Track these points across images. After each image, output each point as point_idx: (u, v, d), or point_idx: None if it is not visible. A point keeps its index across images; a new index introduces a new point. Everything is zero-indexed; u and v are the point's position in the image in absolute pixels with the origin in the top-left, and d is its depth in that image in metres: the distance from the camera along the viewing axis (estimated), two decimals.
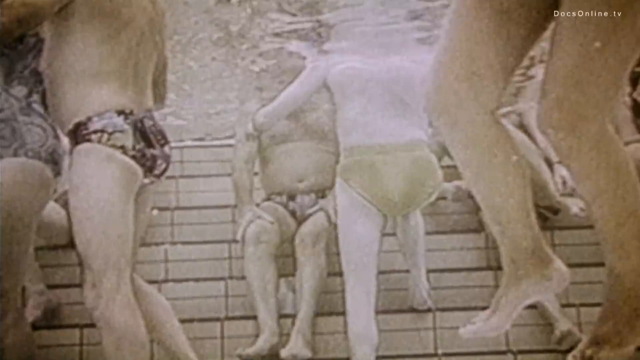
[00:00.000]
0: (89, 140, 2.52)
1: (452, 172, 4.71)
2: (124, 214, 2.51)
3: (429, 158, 3.55)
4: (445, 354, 3.91)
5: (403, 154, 3.49)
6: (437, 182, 3.57)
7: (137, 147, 2.56)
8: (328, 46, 4.09)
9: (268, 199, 4.42)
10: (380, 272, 3.67)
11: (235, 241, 4.53)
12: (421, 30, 3.94)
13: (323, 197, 4.26)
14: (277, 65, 4.55)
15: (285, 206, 4.35)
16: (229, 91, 5.14)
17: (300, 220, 4.29)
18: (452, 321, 4.05)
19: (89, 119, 2.53)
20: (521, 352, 3.90)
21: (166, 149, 2.68)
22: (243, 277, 4.17)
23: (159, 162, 2.64)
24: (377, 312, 3.56)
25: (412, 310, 4.07)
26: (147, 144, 2.59)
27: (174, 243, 4.64)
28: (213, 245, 4.59)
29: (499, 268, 4.26)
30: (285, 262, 4.29)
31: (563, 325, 3.87)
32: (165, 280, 4.38)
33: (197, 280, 4.37)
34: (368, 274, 3.46)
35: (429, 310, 4.04)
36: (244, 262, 4.12)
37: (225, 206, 4.79)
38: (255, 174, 4.46)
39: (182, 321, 4.05)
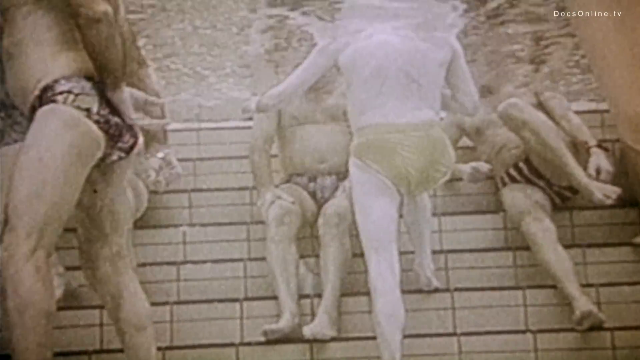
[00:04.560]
0: (53, 101, 2.45)
1: (468, 153, 4.72)
2: (67, 181, 2.42)
3: (443, 138, 3.55)
4: (464, 334, 3.91)
5: (418, 133, 3.48)
6: (450, 162, 3.56)
7: (102, 112, 2.49)
8: (339, 24, 4.06)
9: (288, 180, 4.42)
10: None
11: (253, 223, 4.54)
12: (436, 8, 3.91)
13: (344, 178, 4.25)
14: (293, 46, 4.54)
15: (306, 187, 4.34)
16: (246, 73, 5.14)
17: (320, 203, 4.29)
18: (471, 301, 4.04)
19: (56, 81, 2.47)
20: (540, 331, 3.89)
21: (134, 125, 2.58)
22: (261, 259, 4.18)
23: (125, 134, 2.54)
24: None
25: (432, 291, 4.06)
26: (112, 111, 2.52)
27: (192, 225, 4.65)
28: (231, 227, 4.59)
29: (518, 248, 4.29)
30: (304, 244, 4.30)
31: (583, 305, 3.84)
32: (184, 262, 4.40)
33: (215, 261, 4.38)
34: (391, 252, 3.44)
35: (436, 290, 4.04)
36: (266, 243, 4.12)
37: (243, 188, 4.80)
38: (273, 156, 4.46)
39: (202, 302, 4.11)
